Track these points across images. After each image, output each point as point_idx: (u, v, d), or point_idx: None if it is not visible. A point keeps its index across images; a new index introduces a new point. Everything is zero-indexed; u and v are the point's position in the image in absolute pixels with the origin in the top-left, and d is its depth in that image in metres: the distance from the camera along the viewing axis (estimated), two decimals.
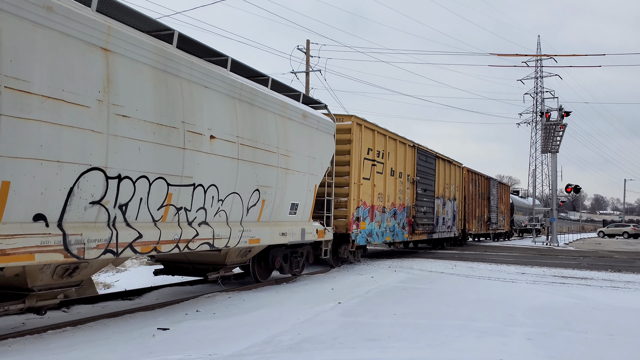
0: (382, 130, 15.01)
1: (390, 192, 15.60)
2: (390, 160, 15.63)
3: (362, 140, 13.58)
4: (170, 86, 6.81)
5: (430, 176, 19.25)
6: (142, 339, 5.88)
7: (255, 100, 8.65)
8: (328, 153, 11.43)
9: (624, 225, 54.38)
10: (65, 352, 5.30)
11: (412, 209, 17.45)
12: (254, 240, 8.72)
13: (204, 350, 5.40)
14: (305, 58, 26.98)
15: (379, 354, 5.39)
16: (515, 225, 39.81)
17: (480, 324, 6.96)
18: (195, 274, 9.13)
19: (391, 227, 15.71)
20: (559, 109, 30.42)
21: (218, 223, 7.88)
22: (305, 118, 10.30)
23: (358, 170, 13.39)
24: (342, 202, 13.07)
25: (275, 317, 7.18)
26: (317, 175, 10.88)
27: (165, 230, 6.78)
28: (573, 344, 6.05)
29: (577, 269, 15.09)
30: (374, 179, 14.35)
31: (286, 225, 9.83)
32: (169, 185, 6.81)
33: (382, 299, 8.95)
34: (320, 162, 10.96)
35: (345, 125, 13.24)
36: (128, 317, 7.19)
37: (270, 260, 10.24)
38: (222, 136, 7.75)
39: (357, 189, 13.36)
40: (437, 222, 19.99)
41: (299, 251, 11.26)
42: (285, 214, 9.79)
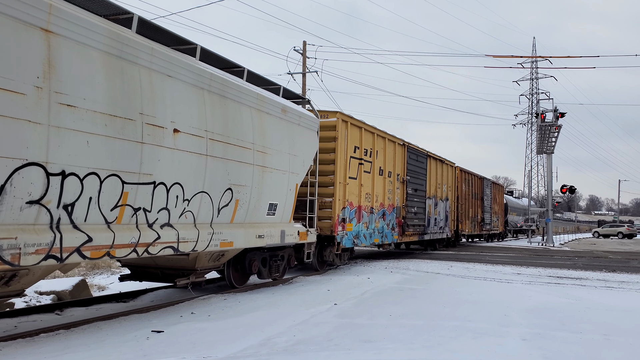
0: (369, 128, 14.41)
1: (379, 192, 15.00)
2: (379, 159, 15.02)
3: (348, 138, 12.98)
4: (126, 74, 6.17)
5: (422, 176, 18.66)
6: (136, 342, 5.85)
7: (228, 92, 8.02)
8: (311, 150, 10.82)
9: (619, 226, 54.44)
10: (58, 355, 5.25)
11: (402, 210, 16.86)
12: (226, 244, 8.07)
13: (198, 352, 5.39)
14: (302, 59, 26.89)
15: (375, 356, 5.38)
16: (509, 225, 39.17)
17: (476, 325, 6.95)
18: (164, 280, 8.48)
19: (380, 229, 15.09)
20: (554, 110, 30.41)
21: (184, 225, 7.24)
22: (285, 113, 9.68)
23: (344, 169, 12.81)
24: (327, 202, 12.47)
25: (271, 319, 7.15)
26: (299, 173, 10.26)
27: (120, 233, 6.14)
28: (568, 344, 6.06)
29: (572, 269, 15.04)
30: (361, 179, 13.77)
31: (264, 227, 9.22)
32: (124, 183, 6.17)
33: (378, 300, 8.92)
34: (302, 160, 10.35)
35: (329, 122, 12.62)
36: (122, 319, 7.13)
37: (247, 265, 9.63)
38: (188, 130, 7.12)
39: (343, 188, 12.79)
40: (428, 223, 19.39)
41: (279, 254, 10.65)
42: (262, 215, 9.17)
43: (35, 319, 7.36)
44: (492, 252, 22.52)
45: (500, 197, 34.60)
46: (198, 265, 8.22)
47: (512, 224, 40.13)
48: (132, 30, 6.48)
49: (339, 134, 12.57)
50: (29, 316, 7.47)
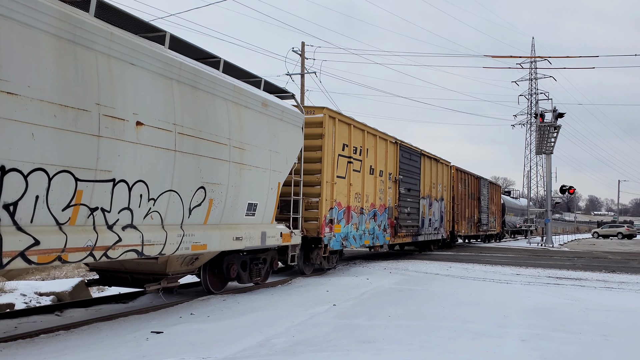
0: (359, 125, 13.79)
1: (369, 192, 14.37)
2: (370, 157, 14.38)
3: (336, 135, 12.37)
4: (80, 60, 5.62)
5: (415, 175, 18.04)
6: (136, 343, 5.84)
7: (200, 82, 7.46)
8: (295, 147, 10.26)
9: (618, 226, 54.30)
10: (58, 356, 5.25)
11: (394, 210, 16.18)
12: (198, 247, 7.50)
13: (197, 353, 5.39)
14: (300, 60, 26.81)
15: (373, 356, 5.38)
16: (506, 226, 38.37)
17: (474, 326, 6.96)
18: (134, 285, 7.92)
19: (371, 230, 14.43)
20: (553, 111, 30.42)
21: (150, 227, 6.66)
22: (265, 107, 9.12)
23: (331, 167, 12.21)
24: (313, 203, 11.84)
25: (270, 320, 7.15)
26: (281, 171, 9.70)
27: (74, 235, 5.57)
28: (567, 345, 6.06)
29: (571, 270, 14.95)
30: (350, 178, 13.15)
31: (242, 229, 8.64)
32: (77, 180, 5.60)
33: (377, 301, 8.93)
34: (284, 157, 9.78)
35: (316, 119, 11.99)
36: (122, 320, 7.13)
37: (225, 269, 9.05)
38: (154, 123, 6.55)
39: (331, 188, 12.18)
40: (422, 224, 18.71)
41: (261, 257, 10.05)
42: (240, 215, 8.60)
43: (35, 319, 7.36)
44: (491, 252, 22.41)
45: (498, 197, 33.90)
46: (169, 270, 7.65)
47: (509, 224, 39.37)
48: (89, 14, 5.93)
49: (326, 131, 11.96)
50: (29, 317, 7.49)
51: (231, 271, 9.08)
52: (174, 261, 7.60)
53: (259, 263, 9.97)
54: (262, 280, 10.33)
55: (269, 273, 10.61)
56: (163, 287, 7.72)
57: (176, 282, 8.04)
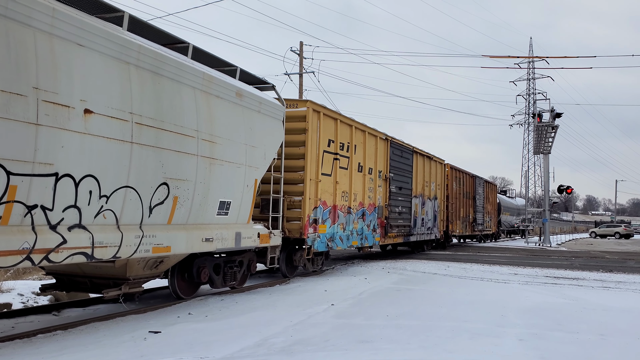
0: (346, 120, 13.14)
1: (357, 191, 13.71)
2: (358, 154, 13.73)
3: (320, 130, 11.70)
4: (13, 38, 4.97)
5: (407, 173, 17.36)
6: (134, 342, 5.83)
7: (164, 68, 6.81)
8: (274, 142, 9.62)
9: (616, 226, 54.34)
10: (56, 356, 5.24)
11: (384, 209, 15.50)
12: (161, 249, 6.84)
13: (195, 353, 5.38)
14: (299, 60, 26.76)
15: (371, 356, 5.38)
16: (502, 226, 37.72)
17: (472, 325, 6.95)
18: (93, 290, 7.30)
19: (359, 230, 13.77)
20: (550, 111, 30.48)
21: (102, 227, 6.01)
22: (240, 97, 8.47)
23: (316, 164, 11.56)
24: (296, 202, 11.19)
25: (268, 320, 7.15)
26: (258, 167, 9.06)
27: (5, 236, 4.91)
28: (564, 344, 6.07)
29: (569, 270, 14.93)
30: (336, 175, 12.49)
31: (213, 229, 8.00)
32: (10, 174, 4.94)
33: (375, 301, 8.92)
34: (262, 152, 9.14)
35: (299, 112, 11.34)
36: (119, 320, 7.11)
37: (195, 272, 8.43)
38: (106, 111, 5.90)
39: (315, 186, 11.54)
40: (414, 224, 18.09)
41: (237, 260, 9.40)
42: (211, 214, 7.96)
43: (33, 319, 7.33)
44: (488, 252, 22.75)
45: (494, 196, 33.27)
46: (130, 274, 7.00)
47: (505, 224, 38.74)
48: None
49: (310, 125, 11.29)
50: (27, 317, 7.45)
51: (202, 275, 8.46)
52: (134, 264, 6.95)
53: (234, 266, 9.33)
54: (239, 284, 9.73)
55: (247, 276, 10.01)
56: (124, 292, 7.04)
57: (139, 287, 7.37)
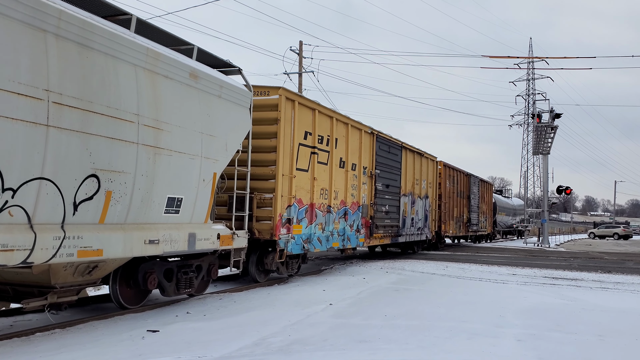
0: (326, 111, 12.06)
1: (339, 188, 12.67)
2: (340, 148, 12.69)
3: (295, 121, 10.66)
4: None
5: (395, 170, 16.34)
6: (132, 341, 5.83)
7: (94, 40, 5.85)
8: (238, 132, 8.60)
9: (614, 227, 54.31)
10: (53, 354, 5.25)
11: (369, 208, 14.48)
12: (89, 252, 5.83)
13: (193, 352, 5.40)
14: (298, 59, 26.62)
15: (369, 356, 5.39)
16: (498, 226, 36.95)
17: (470, 325, 6.97)
18: (17, 300, 6.27)
19: (340, 230, 12.76)
20: (550, 111, 30.44)
21: (7, 226, 5.05)
22: (196, 79, 7.55)
23: (290, 158, 10.56)
24: (267, 199, 10.15)
25: (266, 319, 7.15)
26: (218, 160, 8.09)
27: None
28: (562, 345, 6.07)
29: (567, 270, 14.95)
30: (314, 171, 11.46)
31: (160, 230, 6.97)
32: None
33: (374, 300, 8.91)
34: (223, 142, 8.15)
35: (269, 100, 10.28)
36: (118, 319, 7.09)
37: (141, 279, 7.44)
38: (8, 86, 4.98)
39: (289, 182, 10.55)
40: (403, 224, 17.10)
41: (193, 264, 8.34)
42: (157, 213, 6.96)
43: (31, 318, 7.25)
44: (487, 252, 22.37)
45: (489, 196, 32.36)
46: (56, 282, 5.99)
47: (501, 224, 37.95)
48: None
49: (282, 115, 10.25)
50: (25, 315, 7.36)
51: (149, 282, 7.44)
52: (59, 271, 5.95)
53: (190, 271, 8.25)
54: (198, 291, 8.85)
55: (208, 282, 9.08)
56: (50, 303, 6.09)
57: (71, 296, 6.38)
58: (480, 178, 29.36)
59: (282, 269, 11.11)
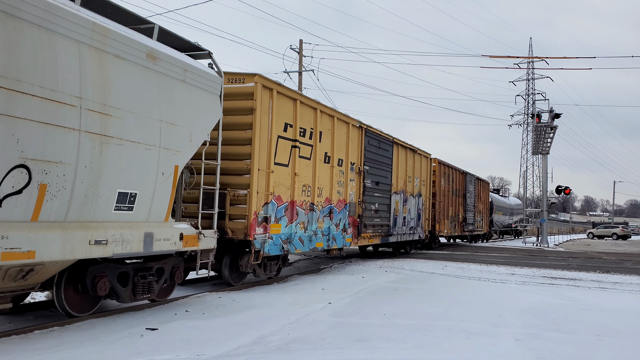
0: (309, 102, 11.25)
1: (323, 184, 11.92)
2: (325, 142, 11.93)
3: (274, 111, 9.91)
4: None
5: (385, 166, 15.57)
6: (130, 339, 5.84)
7: (22, 9, 5.10)
8: (206, 121, 7.89)
9: (613, 227, 54.32)
10: (52, 352, 5.25)
11: (357, 207, 13.72)
12: (17, 255, 5.09)
13: (192, 350, 5.43)
14: (298, 58, 26.59)
15: (368, 355, 5.42)
16: (495, 226, 36.31)
17: (469, 325, 6.98)
18: None
19: (325, 230, 12.00)
20: (549, 111, 30.45)
21: None
22: (154, 61, 6.79)
23: (267, 152, 9.81)
24: (241, 196, 9.37)
25: (265, 318, 7.15)
26: (181, 151, 7.34)
27: None
28: (561, 345, 6.09)
29: (566, 270, 14.94)
30: (295, 166, 10.71)
31: (109, 229, 6.23)
32: None
33: (373, 299, 8.92)
34: (187, 132, 7.42)
35: (244, 89, 9.48)
36: (116, 317, 7.06)
37: (90, 283, 6.63)
38: None
39: (266, 178, 9.79)
40: (394, 223, 16.36)
41: (154, 267, 7.59)
42: (105, 209, 6.22)
43: (29, 316, 7.17)
44: (486, 252, 22.33)
45: (486, 194, 31.60)
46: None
47: (498, 224, 37.28)
48: None
49: (258, 104, 9.46)
50: (23, 314, 7.28)
51: (99, 287, 6.63)
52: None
53: (150, 275, 7.49)
54: (160, 297, 8.07)
55: (173, 287, 8.32)
56: None
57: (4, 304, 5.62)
58: (477, 176, 28.71)
59: (259, 272, 10.34)
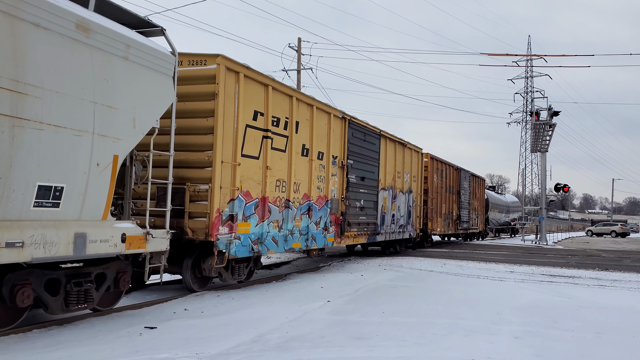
0: (283, 88, 10.26)
1: (301, 179, 11.00)
2: (302, 133, 11.00)
3: (240, 97, 8.91)
4: None
5: (372, 161, 14.70)
6: (129, 338, 5.83)
7: None
8: (155, 105, 6.93)
9: (612, 225, 54.55)
10: (51, 351, 5.22)
11: (340, 203, 12.82)
12: None
13: (191, 349, 5.40)
14: (297, 56, 26.57)
15: (367, 353, 5.41)
16: (490, 224, 35.40)
17: (468, 323, 7.00)
18: None
19: (303, 229, 11.08)
20: (548, 109, 30.44)
21: None
22: (87, 33, 5.84)
23: (233, 142, 8.82)
24: (202, 191, 8.41)
25: (264, 316, 7.15)
26: (121, 139, 6.38)
27: None
28: (559, 342, 6.10)
29: (565, 268, 14.94)
30: (267, 159, 9.75)
31: (26, 228, 5.30)
32: None
33: (371, 298, 8.93)
34: (129, 117, 6.46)
35: (206, 71, 8.50)
36: (115, 315, 7.04)
37: (7, 293, 5.65)
38: None
39: (231, 171, 8.81)
40: (382, 221, 15.46)
41: (92, 273, 6.58)
42: (21, 206, 5.30)
43: (27, 315, 7.04)
44: (485, 250, 22.27)
45: (481, 191, 30.77)
46: None
47: (493, 222, 36.37)
48: None
49: (222, 89, 8.45)
50: None
51: (18, 297, 5.65)
52: None
53: (87, 282, 6.48)
54: (103, 305, 7.12)
55: (120, 294, 7.32)
56: None
57: None
58: (472, 173, 27.80)
59: (225, 276, 9.33)
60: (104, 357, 5.06)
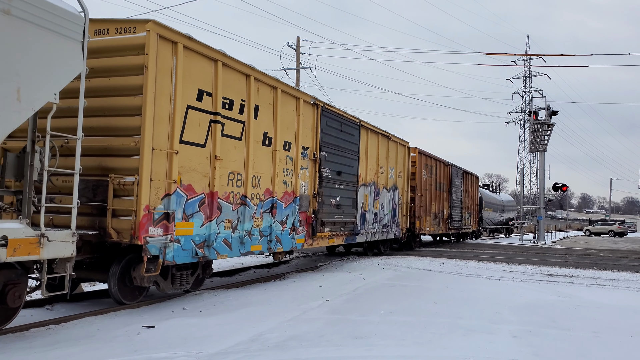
0: (237, 66, 8.80)
1: (262, 172, 9.63)
2: (264, 119, 9.59)
3: (179, 73, 7.52)
4: None
5: (350, 153, 13.27)
6: (127, 337, 5.83)
7: None
8: (54, 75, 5.60)
9: (610, 224, 54.70)
10: (48, 350, 5.24)
11: (311, 200, 11.53)
12: None
13: (189, 348, 5.40)
14: (296, 55, 26.65)
15: (366, 352, 5.42)
16: (484, 223, 34.01)
17: (467, 322, 7.00)
18: None
19: (264, 229, 9.74)
20: (546, 108, 30.58)
21: None
22: None
23: (169, 125, 7.43)
24: (128, 184, 7.06)
25: (263, 315, 7.14)
26: None
27: None
28: (558, 342, 6.12)
29: (563, 267, 15.02)
30: (216, 147, 8.35)
31: None
32: None
33: (370, 297, 8.93)
34: (11, 88, 5.16)
35: (133, 40, 7.15)
36: (113, 314, 7.05)
37: None
38: None
39: (167, 160, 7.43)
40: (362, 220, 14.16)
41: None
42: None
43: (25, 313, 7.17)
44: (483, 249, 22.37)
45: (474, 189, 29.18)
46: None
47: (487, 221, 34.89)
48: None
49: (152, 61, 7.05)
50: None
51: None
52: None
53: None
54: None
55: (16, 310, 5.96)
56: None
57: None
58: (464, 169, 26.20)
59: (163, 285, 7.93)
60: (102, 356, 5.03)
